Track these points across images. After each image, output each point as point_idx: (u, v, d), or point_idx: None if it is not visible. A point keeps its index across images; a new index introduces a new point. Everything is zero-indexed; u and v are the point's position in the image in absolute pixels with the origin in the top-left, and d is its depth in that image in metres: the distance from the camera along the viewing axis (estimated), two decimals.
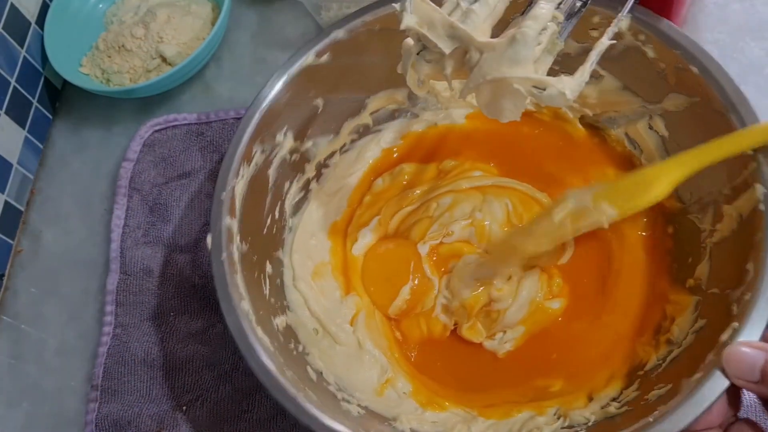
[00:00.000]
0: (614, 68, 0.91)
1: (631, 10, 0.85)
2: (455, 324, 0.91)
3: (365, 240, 0.97)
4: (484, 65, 0.69)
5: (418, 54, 0.72)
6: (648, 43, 0.85)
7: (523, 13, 0.71)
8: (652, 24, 0.84)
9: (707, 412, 0.65)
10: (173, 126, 1.11)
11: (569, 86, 0.68)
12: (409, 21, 0.70)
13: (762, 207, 0.74)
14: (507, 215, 0.94)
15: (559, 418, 0.81)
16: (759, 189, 0.74)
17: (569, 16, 0.74)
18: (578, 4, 0.75)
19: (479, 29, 0.70)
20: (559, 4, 0.72)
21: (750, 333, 0.68)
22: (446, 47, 0.70)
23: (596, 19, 0.83)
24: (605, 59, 0.89)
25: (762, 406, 0.80)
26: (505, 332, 0.89)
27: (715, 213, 0.82)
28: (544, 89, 0.68)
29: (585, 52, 0.89)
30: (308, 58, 0.90)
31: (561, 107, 0.97)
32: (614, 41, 0.73)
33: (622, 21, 0.84)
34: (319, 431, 0.73)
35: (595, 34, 0.88)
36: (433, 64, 0.72)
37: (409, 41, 0.72)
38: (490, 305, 0.89)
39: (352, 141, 1.01)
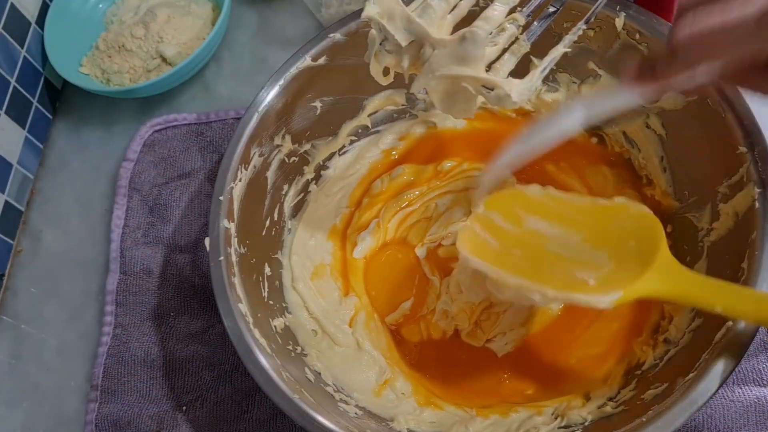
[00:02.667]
0: (611, 67, 0.91)
1: (626, 10, 0.85)
2: (455, 329, 0.91)
3: (365, 243, 0.97)
4: (434, 61, 0.70)
5: (380, 44, 0.73)
6: (644, 42, 0.85)
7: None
8: (647, 22, 0.84)
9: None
10: (173, 126, 1.11)
11: (516, 89, 0.68)
12: (370, 11, 0.71)
13: (757, 205, 0.74)
14: None
15: (556, 418, 0.81)
16: (753, 187, 0.74)
17: (541, 18, 0.74)
18: (551, 9, 0.75)
19: (436, 25, 0.71)
20: (518, 7, 0.72)
21: (743, 332, 0.68)
22: (402, 39, 0.71)
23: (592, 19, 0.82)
24: (603, 58, 0.90)
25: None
26: (505, 334, 0.89)
27: (713, 211, 0.82)
28: (493, 89, 0.68)
29: (584, 52, 0.90)
30: (306, 60, 0.90)
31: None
32: (568, 50, 0.73)
33: (598, 24, 0.85)
34: None
35: (591, 33, 0.89)
36: (393, 55, 0.73)
37: (373, 32, 0.73)
38: (490, 308, 0.90)
39: (351, 143, 1.02)
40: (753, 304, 0.66)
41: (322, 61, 0.91)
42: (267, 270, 0.91)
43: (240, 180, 0.87)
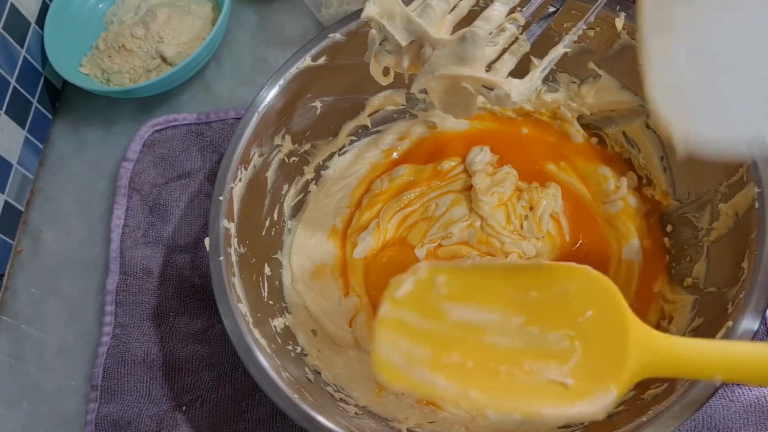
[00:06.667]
0: (611, 67, 0.91)
1: (626, 10, 0.85)
2: None
3: (365, 243, 0.97)
4: (434, 61, 0.70)
5: (380, 44, 0.73)
6: None
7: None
8: None
9: None
10: (173, 126, 1.11)
11: (516, 89, 0.68)
12: (370, 11, 0.71)
13: (756, 205, 0.74)
14: (506, 215, 0.94)
15: None
16: (753, 187, 0.74)
17: (541, 18, 0.74)
18: (551, 9, 0.75)
19: (436, 25, 0.71)
20: (518, 7, 0.72)
21: (743, 332, 0.68)
22: (403, 39, 0.71)
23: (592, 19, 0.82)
24: (603, 58, 0.90)
25: None
26: None
27: (712, 211, 0.82)
28: (493, 89, 0.68)
29: (584, 52, 0.90)
30: (306, 60, 0.90)
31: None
32: (568, 50, 0.73)
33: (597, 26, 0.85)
34: None
35: (591, 33, 0.88)
36: (393, 55, 0.73)
37: (373, 32, 0.73)
38: None
39: (351, 143, 1.02)
40: (754, 364, 0.59)
41: (322, 61, 0.91)
42: (267, 270, 0.91)
43: (240, 180, 0.87)
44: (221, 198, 0.85)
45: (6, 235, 1.05)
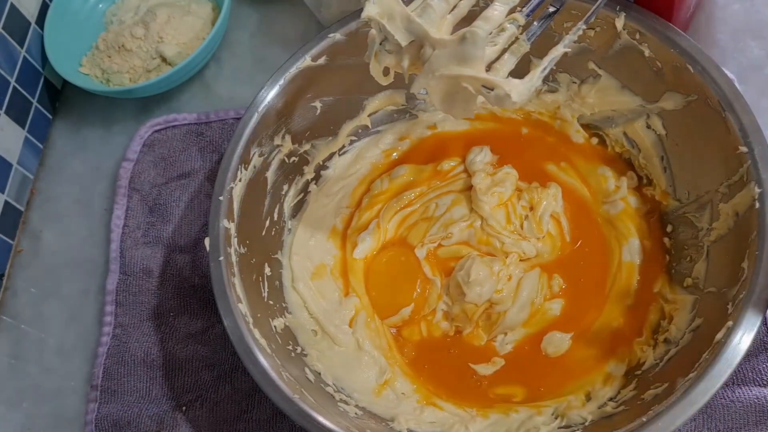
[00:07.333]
0: (612, 67, 0.91)
1: (626, 10, 0.85)
2: (456, 330, 0.91)
3: (365, 244, 0.97)
4: (434, 61, 0.70)
5: (380, 44, 0.73)
6: (644, 42, 0.85)
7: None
8: (648, 23, 0.84)
9: None
10: (173, 126, 1.11)
11: (516, 89, 0.68)
12: (370, 10, 0.71)
13: (757, 205, 0.74)
14: (507, 215, 0.94)
15: (556, 418, 0.81)
16: (753, 187, 0.74)
17: (541, 18, 0.74)
18: (551, 9, 0.75)
19: (436, 25, 0.71)
20: (518, 7, 0.72)
21: (743, 332, 0.68)
22: (403, 39, 0.71)
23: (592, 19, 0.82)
24: (603, 58, 0.90)
25: None
26: (506, 334, 0.89)
27: (713, 211, 0.82)
28: (493, 89, 0.68)
29: (584, 52, 0.90)
30: (306, 60, 0.90)
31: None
32: (568, 50, 0.73)
33: (596, 26, 0.85)
34: None
35: (591, 33, 0.88)
36: (393, 55, 0.73)
37: (373, 32, 0.73)
38: (491, 308, 0.89)
39: (351, 143, 1.02)
40: None
41: (322, 61, 0.91)
42: (267, 270, 0.91)
43: (240, 180, 0.87)
44: (221, 198, 0.85)
45: (6, 235, 1.05)
